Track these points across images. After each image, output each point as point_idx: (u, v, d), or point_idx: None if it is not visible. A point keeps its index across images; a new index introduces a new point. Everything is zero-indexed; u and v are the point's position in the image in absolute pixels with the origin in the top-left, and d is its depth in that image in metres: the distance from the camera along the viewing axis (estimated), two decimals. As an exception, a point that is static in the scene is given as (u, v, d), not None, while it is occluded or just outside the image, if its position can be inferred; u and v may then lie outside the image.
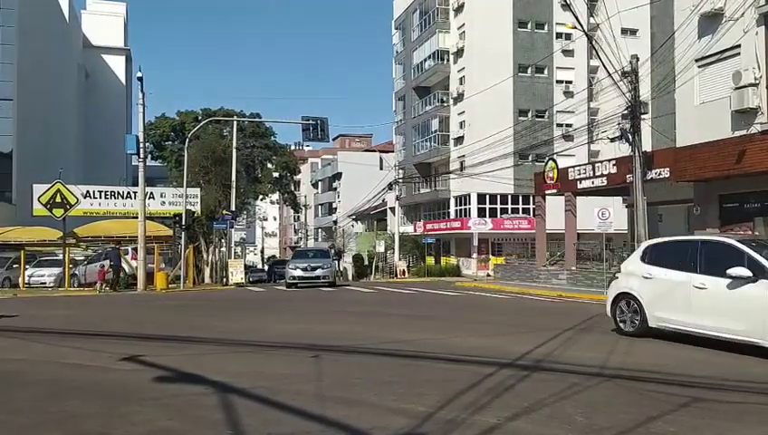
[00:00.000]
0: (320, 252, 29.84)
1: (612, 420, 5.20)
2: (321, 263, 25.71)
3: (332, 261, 27.36)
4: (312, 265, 25.37)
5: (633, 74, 20.25)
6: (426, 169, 53.14)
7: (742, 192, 18.82)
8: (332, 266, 26.31)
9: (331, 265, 26.13)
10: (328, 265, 25.97)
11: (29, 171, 42.98)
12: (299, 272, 25.26)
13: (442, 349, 8.94)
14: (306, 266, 25.38)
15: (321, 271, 25.24)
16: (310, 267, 25.24)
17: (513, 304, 18.68)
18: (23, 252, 26.91)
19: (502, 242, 46.94)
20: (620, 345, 9.52)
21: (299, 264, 25.91)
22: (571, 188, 26.03)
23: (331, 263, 26.46)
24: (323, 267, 25.42)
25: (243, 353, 8.81)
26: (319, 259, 26.44)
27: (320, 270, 25.24)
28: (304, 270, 25.23)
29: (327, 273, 25.43)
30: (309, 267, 25.26)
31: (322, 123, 27.57)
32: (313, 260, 26.31)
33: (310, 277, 25.06)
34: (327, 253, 29.23)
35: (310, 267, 25.24)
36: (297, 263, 26.20)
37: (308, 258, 27.00)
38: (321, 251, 30.61)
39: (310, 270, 25.14)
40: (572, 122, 43.76)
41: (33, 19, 49.12)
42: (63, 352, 8.67)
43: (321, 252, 29.82)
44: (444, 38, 50.09)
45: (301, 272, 25.23)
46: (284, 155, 56.70)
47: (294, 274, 25.34)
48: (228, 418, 5.16)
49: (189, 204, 29.19)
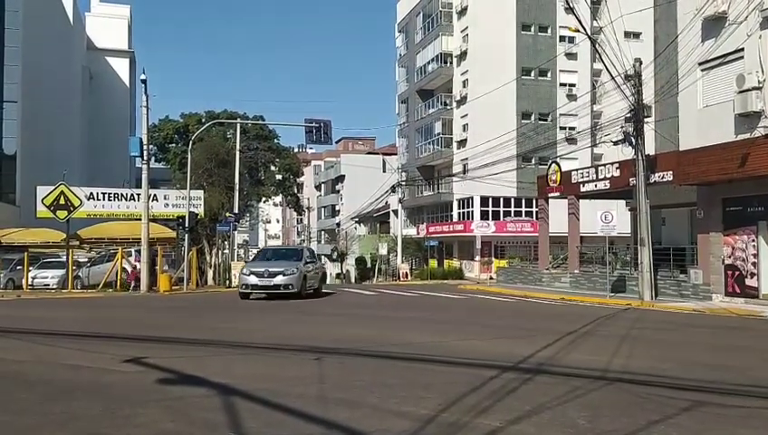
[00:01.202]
0: (290, 252, 24.08)
1: (615, 424, 5.20)
2: (284, 267, 20.01)
3: (305, 264, 20.96)
4: (270, 271, 19.76)
5: (636, 78, 20.26)
6: (429, 171, 53.14)
7: (745, 196, 18.79)
8: (300, 271, 20.06)
9: (298, 270, 20.02)
10: (293, 269, 19.97)
11: (33, 173, 43.08)
12: (253, 279, 19.71)
13: (444, 352, 8.93)
14: (263, 272, 19.78)
15: (282, 278, 19.60)
16: (267, 273, 19.67)
17: (515, 307, 18.67)
18: (26, 254, 26.96)
19: (505, 245, 46.92)
20: (623, 349, 9.51)
21: (255, 268, 20.40)
22: (574, 191, 26.01)
23: (300, 267, 20.30)
24: (285, 273, 19.74)
25: (245, 356, 8.81)
26: (283, 262, 20.76)
27: (280, 277, 19.61)
28: (260, 276, 19.68)
29: (290, 280, 19.63)
30: (266, 273, 19.69)
31: (326, 126, 27.62)
32: (274, 263, 20.68)
33: (266, 286, 19.66)
34: (299, 253, 22.43)
35: (267, 273, 19.67)
36: (253, 267, 20.70)
37: (268, 261, 21.58)
38: (293, 251, 24.53)
39: (267, 277, 19.58)
40: (576, 125, 43.75)
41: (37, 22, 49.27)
42: (66, 354, 8.69)
43: (292, 252, 23.82)
44: (447, 41, 50.13)
45: (255, 279, 19.68)
46: (288, 157, 56.73)
47: (248, 281, 19.80)
48: (231, 420, 5.16)
49: (192, 206, 29.22)
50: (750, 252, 18.78)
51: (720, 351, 10.23)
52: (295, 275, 19.88)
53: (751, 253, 18.75)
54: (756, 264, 18.61)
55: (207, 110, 52.96)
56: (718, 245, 19.76)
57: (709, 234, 20.10)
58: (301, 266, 20.50)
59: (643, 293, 20.00)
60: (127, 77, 76.86)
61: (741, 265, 19.08)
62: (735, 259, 19.24)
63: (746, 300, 18.59)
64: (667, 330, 12.88)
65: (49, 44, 52.75)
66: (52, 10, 56.86)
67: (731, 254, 19.38)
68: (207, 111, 52.50)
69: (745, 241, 18.92)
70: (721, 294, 19.47)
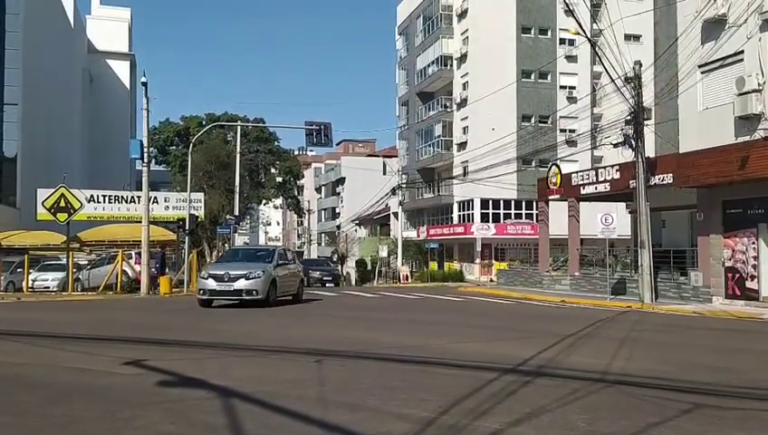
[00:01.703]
0: (261, 253, 20.38)
1: (614, 427, 5.20)
2: (248, 271, 17.31)
3: (277, 267, 18.24)
4: (231, 274, 17.14)
5: (636, 80, 20.29)
6: (429, 174, 53.18)
7: (745, 198, 18.81)
8: (268, 275, 17.45)
9: (264, 274, 17.34)
10: (258, 273, 17.25)
11: (33, 176, 43.11)
12: (211, 283, 17.19)
13: (445, 354, 8.94)
14: (223, 275, 17.19)
15: (244, 283, 16.99)
16: (228, 277, 17.09)
17: (515, 310, 18.67)
18: (26, 256, 26.96)
19: (505, 247, 46.93)
20: (623, 351, 9.51)
21: (215, 271, 17.85)
22: (574, 193, 26.02)
23: (268, 270, 17.64)
24: (249, 276, 17.08)
25: (245, 358, 8.82)
26: (249, 264, 17.98)
27: (242, 281, 17.00)
28: (219, 281, 17.12)
29: (253, 285, 17.04)
30: (227, 276, 17.10)
31: (326, 128, 27.63)
32: (238, 265, 17.87)
33: (225, 292, 17.18)
34: (270, 254, 19.16)
35: (228, 277, 17.09)
36: (214, 269, 18.28)
37: (233, 262, 18.70)
38: (264, 252, 20.60)
39: (227, 281, 17.04)
40: (576, 128, 43.78)
41: (38, 24, 49.33)
42: (66, 357, 8.69)
43: (263, 253, 20.10)
44: (447, 44, 50.20)
45: (213, 284, 17.16)
46: (288, 160, 56.85)
47: (206, 285, 17.32)
48: (230, 422, 5.17)
49: (193, 208, 29.24)
50: (750, 254, 18.79)
51: (720, 353, 10.24)
52: (260, 279, 17.13)
53: (751, 255, 18.75)
54: (756, 266, 18.62)
55: (208, 112, 53.21)
56: (718, 247, 19.77)
57: (709, 236, 20.11)
58: (269, 269, 17.70)
59: (643, 295, 20.00)
60: (127, 79, 76.95)
61: (741, 267, 19.08)
62: (736, 262, 19.25)
63: (746, 302, 18.59)
64: (667, 332, 12.88)
65: (49, 47, 52.81)
66: (53, 13, 56.93)
67: (731, 256, 19.39)
68: (208, 113, 52.69)
69: (746, 243, 18.93)
70: (721, 297, 19.47)
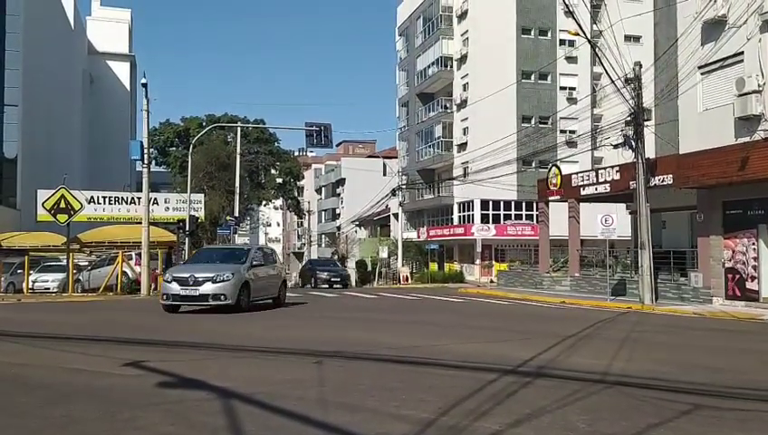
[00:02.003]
0: (234, 253, 18.19)
1: (614, 428, 5.20)
2: (215, 273, 15.59)
3: (251, 268, 16.53)
4: (196, 277, 15.41)
5: (636, 81, 20.30)
6: (429, 175, 53.21)
7: (745, 199, 18.81)
8: (239, 277, 15.75)
9: (234, 276, 15.62)
10: (226, 275, 15.55)
11: (33, 177, 43.14)
12: (175, 287, 15.42)
13: (444, 355, 8.93)
14: (188, 278, 15.44)
15: (210, 286, 15.30)
16: (193, 280, 15.35)
17: (515, 311, 18.67)
18: (27, 257, 26.98)
19: (505, 248, 46.94)
20: (623, 352, 9.51)
21: (179, 273, 16.03)
22: (574, 194, 26.02)
23: (241, 272, 15.98)
24: (216, 279, 15.40)
25: (245, 359, 8.82)
26: (217, 266, 16.31)
27: (208, 285, 15.31)
28: (183, 284, 15.35)
29: (221, 289, 15.35)
30: (191, 279, 15.36)
31: (326, 129, 27.66)
32: (205, 267, 16.23)
33: (189, 297, 15.36)
34: (244, 254, 17.34)
35: (193, 280, 15.35)
36: (178, 272, 16.37)
37: (201, 264, 17.13)
38: (237, 252, 18.36)
39: (192, 284, 15.30)
40: (576, 129, 43.79)
41: (38, 25, 49.35)
42: (66, 358, 8.69)
43: (237, 253, 18.00)
44: (447, 45, 50.24)
45: (177, 287, 15.39)
46: (288, 161, 56.89)
47: (169, 289, 15.52)
48: (231, 424, 5.17)
49: (193, 209, 29.28)
50: (750, 255, 18.79)
51: (720, 354, 10.24)
52: (229, 282, 15.44)
53: (751, 256, 18.76)
54: (757, 267, 18.62)
55: (208, 113, 53.22)
56: (718, 248, 19.77)
57: (709, 237, 20.11)
58: (242, 271, 16.04)
59: (643, 296, 20.00)
60: (127, 80, 76.98)
61: (741, 268, 19.08)
62: (736, 262, 19.25)
63: (747, 303, 18.59)
64: (667, 333, 12.88)
65: (50, 48, 52.84)
66: (53, 14, 56.96)
67: (731, 257, 19.39)
68: (208, 114, 52.74)
69: (746, 244, 18.93)
70: (721, 298, 19.47)
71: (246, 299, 16.14)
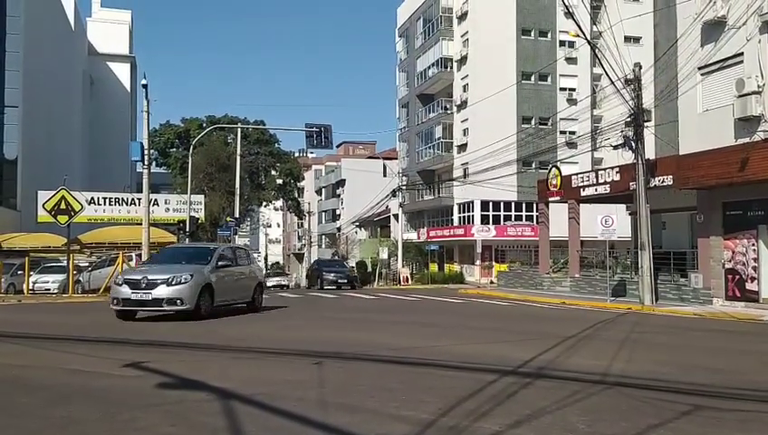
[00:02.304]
0: (198, 252, 16.27)
1: (614, 428, 5.20)
2: (171, 275, 13.82)
3: (215, 269, 14.80)
4: (149, 279, 13.75)
5: (636, 82, 20.31)
6: (429, 176, 53.21)
7: (745, 200, 18.81)
8: (199, 280, 14.04)
9: (192, 278, 13.87)
10: (184, 277, 13.81)
11: (34, 178, 43.15)
12: (125, 291, 13.71)
13: (444, 355, 8.94)
14: (140, 280, 13.77)
15: (164, 290, 13.60)
16: (146, 282, 13.69)
17: (516, 312, 18.67)
18: (27, 258, 26.98)
19: (505, 249, 46.95)
20: (623, 352, 9.51)
21: (132, 275, 14.40)
22: (574, 195, 26.03)
23: (203, 273, 14.28)
24: (171, 282, 13.68)
25: (245, 360, 8.82)
26: (175, 267, 14.49)
27: (162, 288, 13.60)
28: (135, 287, 13.66)
29: (177, 293, 13.63)
30: (144, 282, 13.69)
31: (326, 130, 27.65)
32: (161, 268, 14.47)
33: (141, 302, 13.71)
34: (209, 254, 15.40)
35: (146, 282, 13.69)
36: (130, 274, 14.80)
37: (157, 265, 15.36)
38: (202, 251, 16.35)
39: (144, 288, 13.63)
40: (576, 130, 43.81)
41: (39, 27, 49.38)
42: (66, 358, 8.70)
43: (201, 252, 16.02)
44: (447, 46, 50.26)
45: (128, 291, 13.67)
46: (288, 162, 56.89)
47: (120, 293, 13.82)
48: (230, 424, 5.17)
49: (193, 210, 29.29)
50: (750, 256, 18.79)
51: (720, 354, 10.24)
52: (186, 284, 13.68)
53: (751, 257, 18.75)
54: (757, 268, 18.62)
55: (208, 114, 53.25)
56: (718, 249, 19.77)
57: (709, 238, 20.11)
58: (203, 272, 14.33)
59: (643, 297, 20.00)
60: (128, 82, 77.02)
61: (741, 269, 19.08)
62: (736, 263, 19.25)
63: (747, 304, 18.59)
64: (667, 334, 12.88)
65: (50, 49, 52.87)
66: (54, 15, 57.00)
67: (731, 258, 19.38)
68: (208, 115, 52.76)
69: (746, 245, 18.93)
70: (721, 298, 19.47)
71: (208, 304, 14.28)
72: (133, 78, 75.62)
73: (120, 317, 13.97)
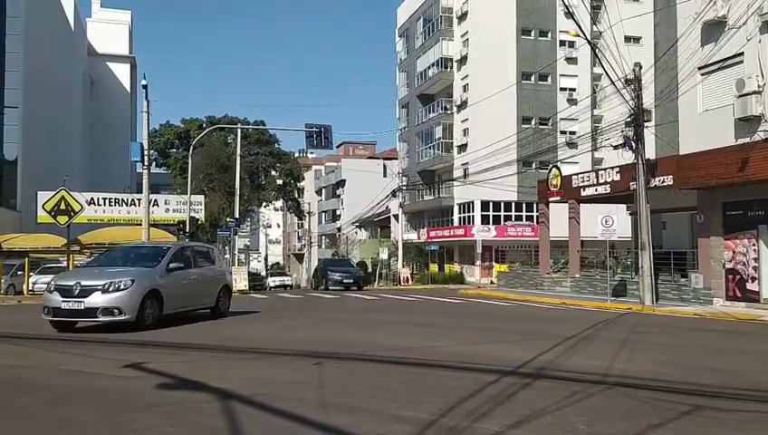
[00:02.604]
0: (149, 253, 14.28)
1: (614, 429, 5.20)
2: (107, 280, 11.93)
3: (167, 273, 13.03)
4: (83, 286, 11.90)
5: (636, 82, 20.30)
6: (429, 176, 53.20)
7: (745, 200, 18.80)
8: (144, 284, 12.21)
9: (133, 283, 11.99)
10: (123, 283, 11.92)
11: (34, 178, 43.13)
12: (56, 299, 11.93)
13: (445, 356, 8.93)
14: (73, 287, 11.91)
15: (99, 297, 11.71)
16: (79, 289, 11.84)
17: (516, 312, 18.66)
18: (27, 259, 26.98)
19: (505, 249, 46.94)
20: (623, 353, 9.51)
21: (64, 281, 12.52)
22: (574, 195, 26.02)
23: (149, 277, 12.57)
24: (108, 289, 11.78)
25: (245, 360, 8.82)
26: (116, 270, 12.66)
27: (97, 296, 11.72)
28: (67, 295, 11.85)
29: (114, 302, 11.73)
30: (77, 289, 11.85)
31: (326, 131, 27.63)
32: (99, 274, 12.57)
33: (75, 311, 11.86)
34: (160, 254, 13.55)
35: (79, 289, 11.84)
36: (62, 279, 12.80)
37: (96, 268, 13.62)
38: (152, 251, 14.35)
39: (77, 296, 11.80)
40: (576, 130, 43.81)
41: (38, 27, 49.37)
42: (66, 359, 8.70)
43: (151, 253, 14.14)
44: (447, 46, 50.26)
45: (59, 299, 11.88)
46: (288, 162, 56.87)
47: (51, 301, 12.02)
48: (230, 425, 5.17)
49: (193, 211, 29.27)
50: (751, 256, 18.78)
51: (720, 355, 10.23)
52: (125, 291, 11.82)
53: (752, 257, 18.74)
54: (757, 268, 18.61)
55: (208, 115, 53.26)
56: (719, 249, 19.76)
57: (710, 238, 20.10)
58: (152, 276, 12.67)
59: (644, 297, 20.00)
60: (128, 82, 77.00)
61: (742, 269, 19.07)
62: (736, 263, 19.24)
63: (747, 304, 18.58)
64: (668, 334, 12.87)
65: (50, 50, 52.86)
66: (53, 15, 57.00)
67: (732, 258, 19.38)
68: (208, 115, 52.75)
69: (746, 245, 18.92)
70: (722, 299, 19.46)
71: (155, 312, 12.46)
72: (133, 78, 75.63)
73: (56, 328, 12.13)
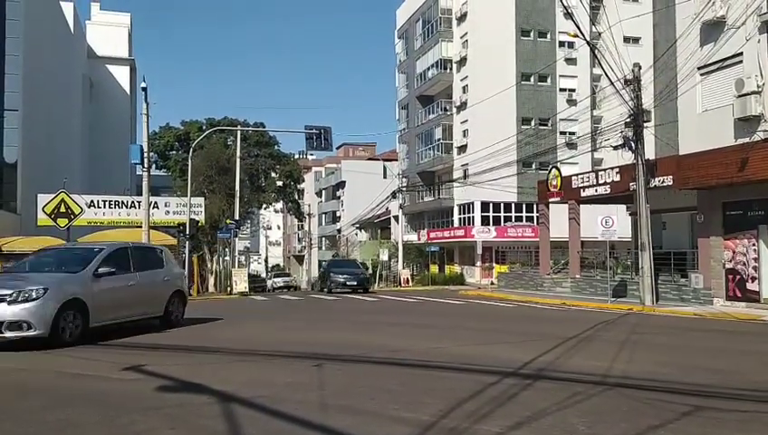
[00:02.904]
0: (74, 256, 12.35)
1: (615, 430, 5.19)
2: (14, 290, 9.95)
3: (96, 279, 11.09)
4: None
5: (635, 82, 20.30)
6: (429, 177, 53.19)
7: (745, 200, 18.79)
8: (61, 294, 10.28)
9: (50, 292, 10.10)
10: (37, 291, 9.98)
11: (34, 181, 43.10)
12: None
13: (445, 357, 8.93)
14: None
15: (5, 310, 9.72)
16: None
17: (516, 313, 18.65)
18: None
19: (505, 250, 46.90)
20: (623, 353, 9.50)
21: None
22: (574, 196, 26.01)
23: (71, 284, 10.73)
24: (16, 299, 9.81)
25: (245, 362, 8.81)
26: (27, 277, 10.82)
27: (2, 307, 9.74)
28: None
29: (22, 315, 9.76)
30: None
31: (326, 132, 27.61)
32: (6, 281, 10.67)
33: None
34: (87, 259, 11.56)
35: None
36: None
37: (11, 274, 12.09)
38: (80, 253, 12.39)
39: None
40: (576, 130, 43.80)
41: (38, 30, 49.39)
42: (65, 362, 8.68)
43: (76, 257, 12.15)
44: (447, 47, 50.26)
45: None
46: (288, 164, 56.83)
47: None
48: (230, 428, 5.16)
49: (193, 213, 29.25)
50: (751, 256, 18.77)
51: (720, 355, 10.22)
52: (36, 302, 9.91)
53: (752, 257, 18.73)
54: (757, 268, 18.59)
55: (208, 117, 53.15)
56: (719, 249, 19.75)
57: (710, 238, 20.09)
58: (73, 283, 10.82)
59: (644, 297, 19.98)
60: (127, 85, 77.01)
61: (742, 269, 19.06)
62: (736, 263, 19.23)
63: (747, 304, 18.56)
64: (668, 334, 12.86)
65: (50, 52, 52.88)
66: (53, 18, 57.03)
67: (732, 258, 19.36)
68: (208, 118, 52.65)
69: (746, 245, 18.91)
70: (722, 299, 19.44)
71: (78, 325, 10.51)
72: (133, 81, 75.64)
73: None
